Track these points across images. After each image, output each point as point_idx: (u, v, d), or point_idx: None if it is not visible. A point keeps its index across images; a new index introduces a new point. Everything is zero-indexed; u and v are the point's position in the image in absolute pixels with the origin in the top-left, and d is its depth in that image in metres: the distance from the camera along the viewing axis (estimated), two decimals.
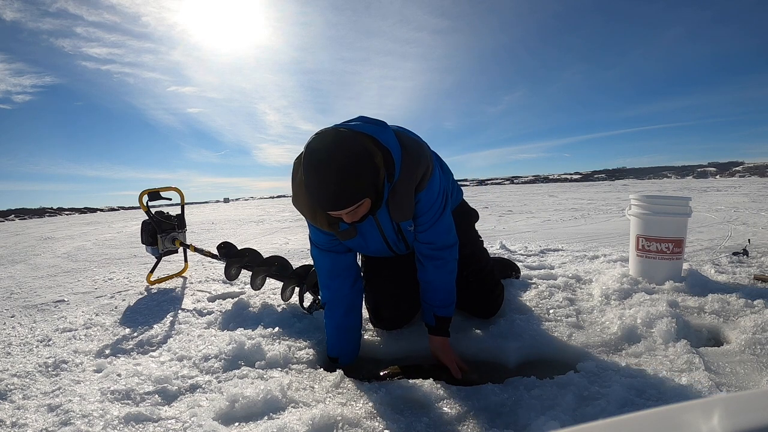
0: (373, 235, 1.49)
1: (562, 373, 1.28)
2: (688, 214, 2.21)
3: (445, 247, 1.48)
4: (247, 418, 1.12)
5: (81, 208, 32.58)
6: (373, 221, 1.44)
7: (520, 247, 3.42)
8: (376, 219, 1.43)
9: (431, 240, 1.46)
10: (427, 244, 1.47)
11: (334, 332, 1.51)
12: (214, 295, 2.35)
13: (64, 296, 2.58)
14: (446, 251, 1.48)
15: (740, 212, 5.58)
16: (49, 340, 1.77)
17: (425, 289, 1.52)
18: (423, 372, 1.37)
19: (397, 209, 1.40)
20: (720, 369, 1.29)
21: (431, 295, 1.50)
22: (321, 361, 1.54)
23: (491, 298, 1.76)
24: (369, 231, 1.48)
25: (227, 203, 26.46)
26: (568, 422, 1.03)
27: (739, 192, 10.08)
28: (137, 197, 2.56)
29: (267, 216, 9.42)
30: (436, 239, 1.46)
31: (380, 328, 1.72)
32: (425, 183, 1.40)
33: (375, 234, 1.49)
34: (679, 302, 1.88)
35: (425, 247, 1.48)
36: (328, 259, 1.51)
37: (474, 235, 1.86)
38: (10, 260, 4.42)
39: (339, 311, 1.50)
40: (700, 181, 22.62)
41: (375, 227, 1.47)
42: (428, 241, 1.47)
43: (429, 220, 1.45)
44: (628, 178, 45.38)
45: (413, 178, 1.37)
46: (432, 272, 1.49)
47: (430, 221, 1.45)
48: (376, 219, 1.43)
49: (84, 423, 1.12)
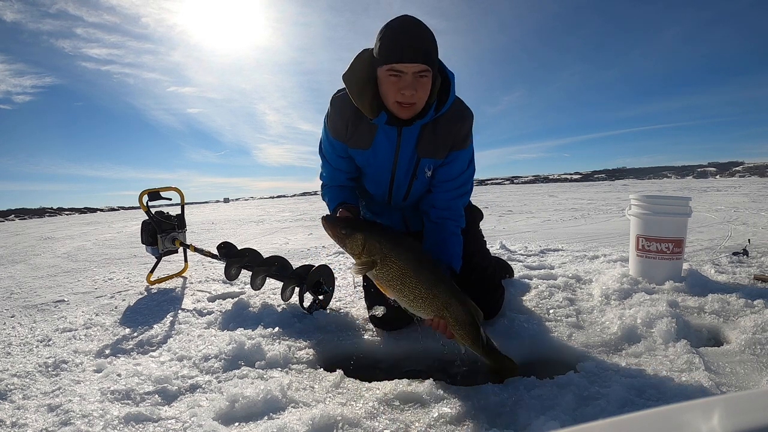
0: (384, 160, 1.49)
1: (562, 373, 1.28)
2: (688, 214, 2.21)
3: (458, 217, 1.54)
4: (247, 418, 1.12)
5: (81, 208, 32.59)
6: (393, 144, 1.46)
7: (520, 247, 3.42)
8: (399, 141, 1.45)
9: (447, 205, 1.51)
10: (442, 209, 1.52)
11: (335, 193, 1.59)
12: (214, 295, 2.35)
13: (64, 296, 2.58)
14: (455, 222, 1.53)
15: (740, 212, 5.58)
16: (49, 340, 1.77)
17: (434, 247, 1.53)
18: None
19: (429, 143, 1.45)
20: (720, 369, 1.29)
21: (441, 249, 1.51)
22: (321, 360, 1.54)
23: (491, 300, 1.74)
24: (383, 154, 1.48)
25: (227, 203, 26.47)
26: (568, 422, 1.03)
27: (739, 192, 10.08)
28: (137, 197, 2.56)
29: (267, 216, 9.42)
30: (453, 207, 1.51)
31: (380, 328, 1.72)
32: (466, 143, 1.49)
33: (387, 160, 1.49)
34: (679, 302, 1.88)
35: (440, 212, 1.52)
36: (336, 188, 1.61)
37: (477, 234, 1.86)
38: (10, 260, 4.42)
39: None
40: (700, 181, 22.63)
41: (392, 153, 1.48)
42: (445, 207, 1.51)
43: (454, 185, 1.50)
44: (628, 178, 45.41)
45: (457, 127, 1.45)
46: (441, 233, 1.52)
47: (455, 185, 1.50)
48: (399, 141, 1.45)
49: (84, 423, 1.12)
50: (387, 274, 1.30)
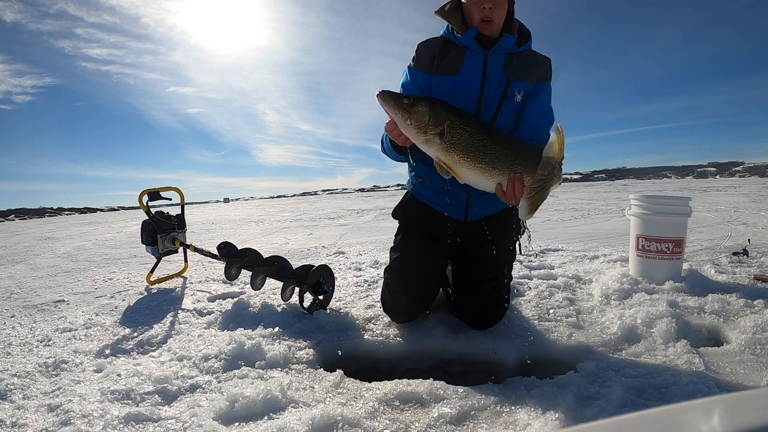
0: (471, 85, 1.53)
1: (562, 373, 1.28)
2: (688, 214, 2.21)
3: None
4: (247, 418, 1.12)
5: (81, 208, 32.57)
6: (480, 68, 1.51)
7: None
8: (486, 64, 1.51)
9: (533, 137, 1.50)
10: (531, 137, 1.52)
11: None
12: (214, 295, 2.35)
13: (64, 296, 2.58)
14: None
15: (740, 212, 5.58)
16: (49, 340, 1.77)
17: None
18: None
19: (517, 68, 1.53)
20: (720, 369, 1.29)
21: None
22: (321, 360, 1.54)
23: (490, 315, 1.68)
24: (471, 78, 1.52)
25: (227, 203, 26.47)
26: (568, 422, 1.03)
27: (739, 192, 10.08)
28: (137, 197, 2.56)
29: (267, 216, 9.42)
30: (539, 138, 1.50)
31: (396, 320, 1.76)
32: (550, 77, 1.61)
33: (474, 84, 1.53)
34: (679, 302, 1.88)
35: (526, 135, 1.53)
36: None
37: (509, 240, 1.76)
38: (10, 260, 4.42)
39: None
40: (700, 181, 22.62)
41: (479, 76, 1.52)
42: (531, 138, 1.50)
43: (542, 121, 1.55)
44: (628, 178, 45.45)
45: (543, 60, 1.60)
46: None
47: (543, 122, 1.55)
48: (486, 64, 1.51)
49: (84, 423, 1.12)
50: (458, 140, 1.26)
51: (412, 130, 1.28)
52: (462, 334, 1.63)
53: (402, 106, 1.26)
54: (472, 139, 1.26)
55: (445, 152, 1.28)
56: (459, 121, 1.27)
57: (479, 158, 1.27)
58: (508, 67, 1.53)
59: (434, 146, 1.28)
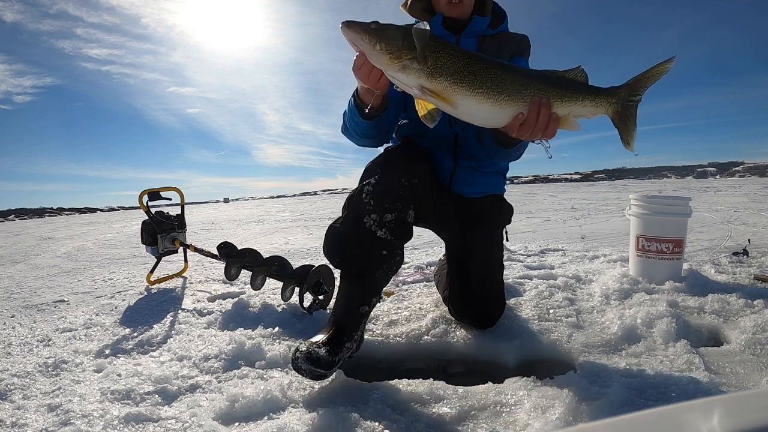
0: None
1: (562, 373, 1.28)
2: (688, 214, 2.21)
3: None
4: (247, 418, 1.12)
5: (81, 208, 32.56)
6: None
7: (520, 247, 3.42)
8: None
9: None
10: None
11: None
12: (214, 295, 2.35)
13: (64, 296, 2.58)
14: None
15: (740, 212, 5.58)
16: (49, 340, 1.77)
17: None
18: None
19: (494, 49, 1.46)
20: (720, 369, 1.29)
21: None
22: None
23: (491, 311, 1.65)
24: None
25: (227, 203, 26.47)
26: (568, 422, 1.03)
27: (739, 192, 10.08)
28: (137, 197, 2.56)
29: (267, 216, 9.42)
30: None
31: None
32: (527, 53, 1.53)
33: None
34: (679, 302, 1.88)
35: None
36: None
37: (497, 236, 1.73)
38: (10, 260, 4.42)
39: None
40: (700, 181, 22.62)
41: None
42: None
43: None
44: (628, 178, 45.45)
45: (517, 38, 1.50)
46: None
47: None
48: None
49: (84, 423, 1.12)
50: (444, 63, 1.04)
51: (383, 56, 1.05)
52: (462, 334, 1.63)
53: (369, 30, 1.04)
54: (461, 63, 1.04)
55: (429, 77, 1.05)
56: (441, 45, 1.06)
57: (478, 82, 1.05)
58: (481, 50, 1.47)
59: (413, 72, 1.05)
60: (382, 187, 1.31)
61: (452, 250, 1.76)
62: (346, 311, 1.32)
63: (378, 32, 1.04)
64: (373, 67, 1.11)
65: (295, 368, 1.22)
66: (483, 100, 1.06)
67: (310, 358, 1.19)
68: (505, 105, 1.08)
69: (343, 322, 1.31)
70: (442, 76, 1.05)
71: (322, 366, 1.19)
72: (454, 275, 1.73)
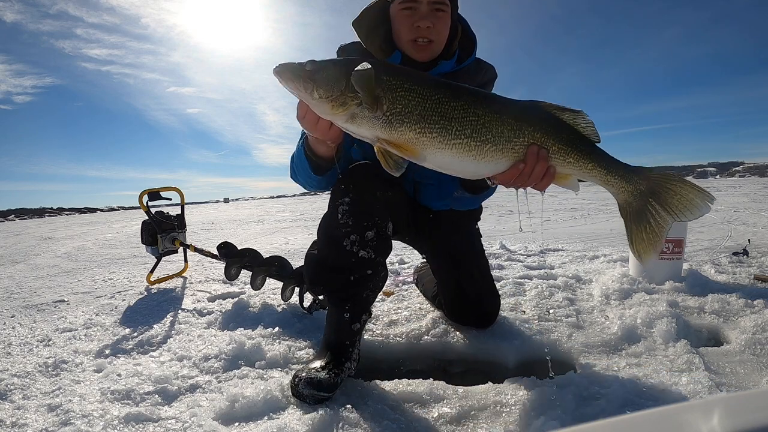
0: None
1: (562, 373, 1.28)
2: None
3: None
4: (247, 418, 1.12)
5: (81, 208, 32.56)
6: None
7: (520, 247, 3.42)
8: None
9: None
10: None
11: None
12: (214, 295, 2.35)
13: (64, 296, 2.57)
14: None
15: (740, 212, 5.58)
16: (49, 340, 1.77)
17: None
18: None
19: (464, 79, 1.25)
20: (720, 369, 1.29)
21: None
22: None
23: (489, 309, 1.65)
24: None
25: (227, 203, 26.47)
26: (568, 422, 1.03)
27: (739, 192, 10.08)
28: (137, 197, 2.56)
29: (267, 216, 9.41)
30: None
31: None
32: (491, 86, 1.38)
33: None
34: (679, 302, 1.88)
35: None
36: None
37: (475, 233, 1.75)
38: (10, 260, 4.42)
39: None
40: (700, 181, 22.61)
41: None
42: None
43: None
44: None
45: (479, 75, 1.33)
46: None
47: None
48: None
49: (84, 423, 1.12)
50: (408, 108, 0.82)
51: (324, 105, 0.85)
52: (462, 334, 1.63)
53: (302, 76, 0.84)
54: (429, 103, 0.83)
55: (387, 127, 0.84)
56: (399, 80, 0.83)
57: (453, 130, 0.83)
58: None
59: (365, 122, 0.84)
60: (358, 204, 1.22)
61: (436, 260, 1.73)
62: (338, 333, 1.32)
63: (314, 75, 0.84)
64: (319, 116, 0.92)
65: (296, 394, 1.19)
66: (461, 152, 0.85)
67: (311, 382, 1.18)
68: (490, 157, 0.87)
69: (339, 344, 1.31)
70: (403, 124, 0.83)
71: (324, 389, 1.18)
72: (445, 285, 1.70)
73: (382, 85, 0.83)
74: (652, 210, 0.90)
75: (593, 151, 0.91)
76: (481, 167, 0.88)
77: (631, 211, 0.93)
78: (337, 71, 0.83)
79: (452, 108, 0.83)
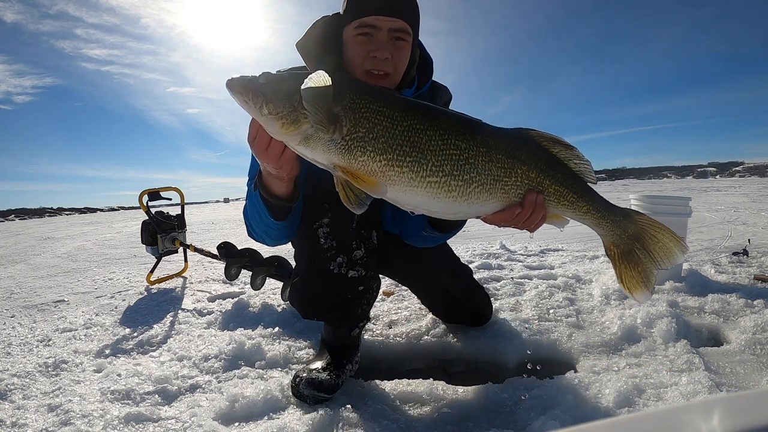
0: None
1: (562, 373, 1.28)
2: (688, 214, 2.21)
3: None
4: (247, 418, 1.12)
5: (81, 208, 32.55)
6: None
7: (520, 247, 3.42)
8: None
9: None
10: None
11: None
12: (214, 295, 2.35)
13: (64, 296, 2.58)
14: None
15: (740, 212, 5.58)
16: (49, 340, 1.77)
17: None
18: None
19: None
20: (720, 369, 1.29)
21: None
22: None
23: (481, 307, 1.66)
24: None
25: (227, 203, 26.47)
26: (568, 422, 1.03)
27: (739, 192, 10.08)
28: (137, 197, 2.57)
29: None
30: None
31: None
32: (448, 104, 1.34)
33: None
34: (679, 302, 1.88)
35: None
36: None
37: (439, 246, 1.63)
38: (10, 260, 4.42)
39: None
40: (700, 181, 22.62)
41: None
42: None
43: None
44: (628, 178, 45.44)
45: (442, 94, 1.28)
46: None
47: None
48: None
49: (84, 423, 1.12)
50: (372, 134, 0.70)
51: (274, 122, 0.73)
52: (462, 334, 1.63)
53: (253, 88, 0.73)
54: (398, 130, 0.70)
55: (345, 153, 0.71)
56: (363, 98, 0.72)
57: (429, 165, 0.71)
58: None
59: (320, 145, 0.72)
60: (340, 223, 1.14)
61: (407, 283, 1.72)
62: (337, 339, 1.34)
63: (265, 88, 0.73)
64: (272, 137, 0.79)
65: (297, 394, 1.20)
66: (438, 191, 0.72)
67: (312, 383, 1.18)
68: (475, 199, 0.76)
69: (339, 347, 1.33)
70: (365, 153, 0.70)
71: (325, 390, 1.19)
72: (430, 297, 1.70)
73: (343, 104, 0.71)
74: (638, 252, 0.92)
75: (588, 193, 0.87)
76: (464, 209, 0.78)
77: (618, 251, 0.94)
78: (291, 84, 0.71)
79: (428, 138, 0.71)
